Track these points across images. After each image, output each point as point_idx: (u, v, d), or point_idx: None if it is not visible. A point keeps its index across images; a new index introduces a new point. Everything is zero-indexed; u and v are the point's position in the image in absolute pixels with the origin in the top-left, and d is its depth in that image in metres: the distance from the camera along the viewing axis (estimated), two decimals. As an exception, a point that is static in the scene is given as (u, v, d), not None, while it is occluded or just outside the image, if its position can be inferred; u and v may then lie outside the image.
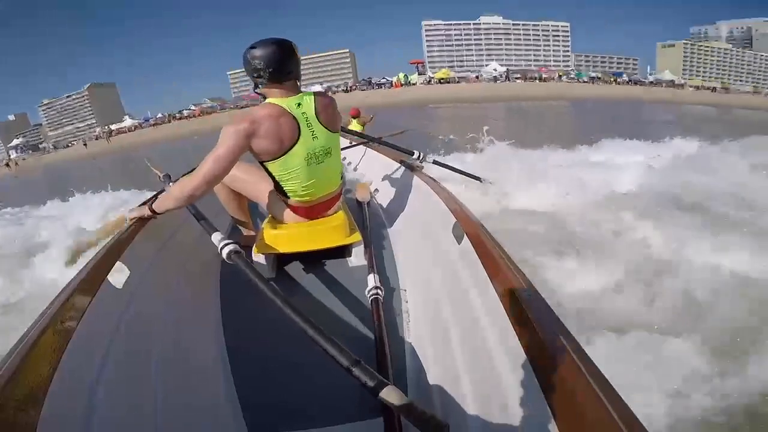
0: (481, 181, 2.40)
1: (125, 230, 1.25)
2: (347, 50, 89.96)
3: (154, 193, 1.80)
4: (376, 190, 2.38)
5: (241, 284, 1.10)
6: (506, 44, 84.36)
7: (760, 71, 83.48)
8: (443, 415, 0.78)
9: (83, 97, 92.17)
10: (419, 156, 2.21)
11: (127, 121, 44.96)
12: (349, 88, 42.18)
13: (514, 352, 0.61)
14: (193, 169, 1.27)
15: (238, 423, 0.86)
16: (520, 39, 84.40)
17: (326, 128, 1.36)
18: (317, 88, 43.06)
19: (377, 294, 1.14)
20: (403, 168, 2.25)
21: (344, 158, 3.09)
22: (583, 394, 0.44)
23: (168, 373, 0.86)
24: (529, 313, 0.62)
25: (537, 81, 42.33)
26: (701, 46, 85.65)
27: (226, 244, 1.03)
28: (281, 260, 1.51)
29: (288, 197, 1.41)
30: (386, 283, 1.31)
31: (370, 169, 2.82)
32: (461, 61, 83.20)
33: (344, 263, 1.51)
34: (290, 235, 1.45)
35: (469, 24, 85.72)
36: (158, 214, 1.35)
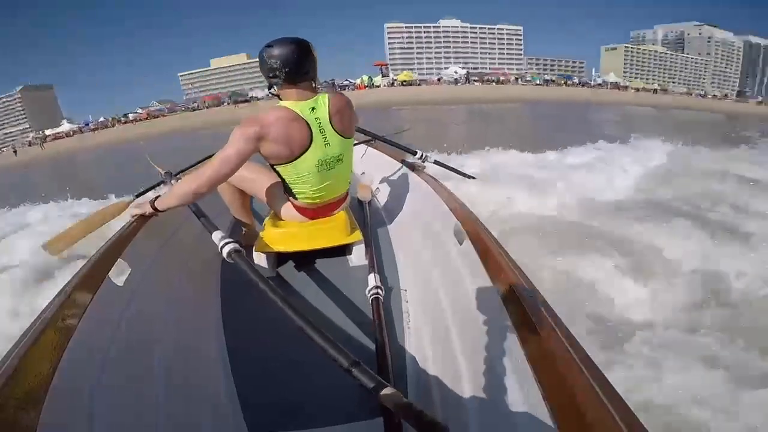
0: (469, 178, 2.59)
1: (126, 228, 1.21)
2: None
3: (145, 188, 1.85)
4: (377, 189, 2.32)
5: (241, 283, 1.12)
6: (464, 47, 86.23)
7: (690, 73, 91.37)
8: (443, 416, 0.78)
9: (15, 100, 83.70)
10: (422, 156, 2.23)
11: (65, 126, 41.12)
12: None
13: (514, 353, 0.60)
14: (194, 165, 1.42)
15: (238, 422, 0.85)
16: (476, 42, 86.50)
17: (339, 134, 1.33)
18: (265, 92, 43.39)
19: (378, 294, 1.13)
20: (404, 167, 2.19)
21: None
22: (583, 394, 0.43)
23: (168, 372, 0.85)
24: (530, 313, 0.61)
25: (494, 84, 43.28)
26: (640, 49, 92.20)
27: (227, 243, 1.05)
28: (282, 259, 1.49)
29: (296, 197, 1.40)
30: (387, 283, 1.29)
31: (372, 168, 2.74)
32: (421, 63, 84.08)
33: (345, 263, 1.50)
34: (291, 234, 1.44)
35: (429, 27, 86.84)
36: (160, 211, 1.31)
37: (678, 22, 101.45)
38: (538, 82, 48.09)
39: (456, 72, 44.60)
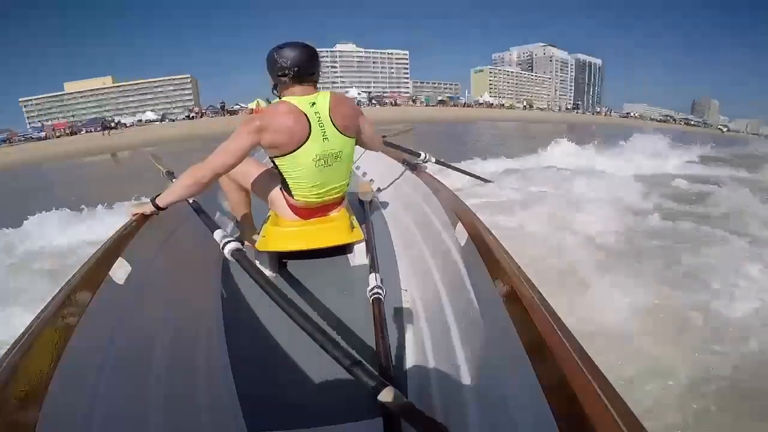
0: (483, 181, 3.11)
1: (127, 226, 1.14)
2: (188, 76, 79.47)
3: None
4: (379, 189, 2.32)
5: (242, 282, 1.17)
6: (359, 71, 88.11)
7: (539, 90, 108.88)
8: (443, 416, 0.77)
9: None
10: (425, 157, 2.24)
11: None
12: (192, 116, 34.83)
13: (515, 353, 0.59)
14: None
15: (238, 422, 0.84)
16: (369, 66, 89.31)
17: (340, 131, 1.30)
18: (150, 115, 35.76)
19: (378, 293, 1.11)
20: (405, 167, 2.16)
21: None
22: (583, 394, 0.42)
23: (168, 371, 0.84)
24: (531, 313, 0.59)
25: (390, 105, 44.06)
26: (500, 70, 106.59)
27: (228, 242, 1.04)
28: (283, 258, 1.47)
29: (293, 196, 1.37)
30: (387, 283, 1.24)
31: (372, 168, 2.74)
32: (320, 87, 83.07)
33: (346, 262, 1.49)
34: (292, 233, 1.41)
35: (325, 51, 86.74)
36: (162, 209, 1.25)
37: (528, 44, 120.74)
38: (432, 103, 50.81)
39: (359, 94, 44.07)
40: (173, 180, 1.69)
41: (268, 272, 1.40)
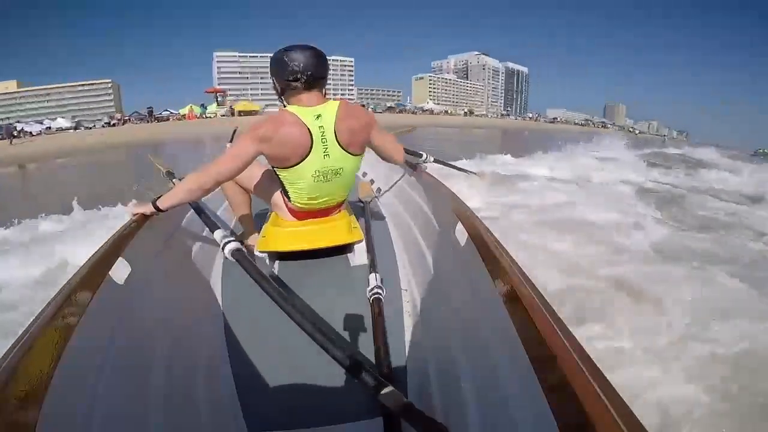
0: (477, 175, 3.37)
1: (127, 226, 1.11)
2: (109, 81, 71.50)
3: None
4: (379, 189, 2.28)
5: (242, 282, 1.12)
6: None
7: (473, 97, 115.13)
8: (443, 416, 0.76)
9: None
10: (425, 157, 2.17)
11: None
12: (113, 123, 30.97)
13: (515, 353, 0.58)
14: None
15: (238, 422, 0.83)
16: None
17: (343, 148, 1.25)
18: (61, 122, 30.82)
19: (378, 294, 1.11)
20: (405, 167, 2.05)
21: None
22: (584, 394, 0.42)
23: (168, 371, 0.84)
24: (531, 313, 0.58)
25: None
26: (439, 78, 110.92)
27: (229, 242, 1.05)
28: (283, 258, 1.46)
29: (291, 201, 1.36)
30: (387, 283, 1.24)
31: (373, 168, 2.69)
32: (256, 92, 79.86)
33: (345, 262, 1.47)
34: (292, 234, 1.40)
35: (267, 56, 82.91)
36: (162, 210, 1.21)
37: (464, 52, 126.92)
38: (380, 110, 50.65)
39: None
40: (173, 180, 1.68)
41: (268, 272, 1.37)
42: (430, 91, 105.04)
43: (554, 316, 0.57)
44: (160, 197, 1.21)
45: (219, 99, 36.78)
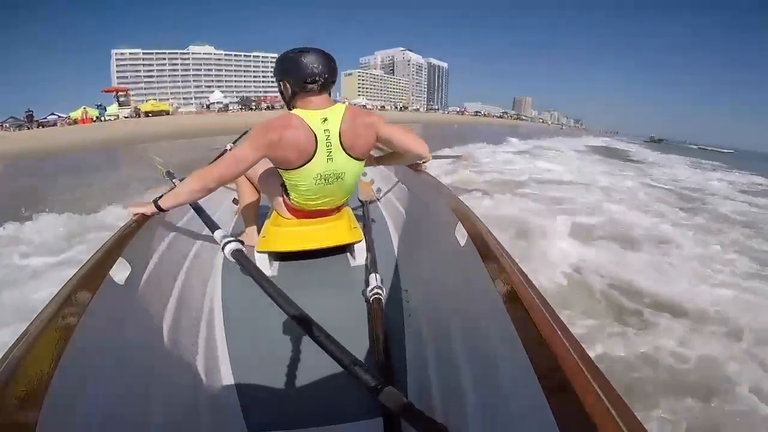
0: (462, 158, 3.80)
1: (127, 226, 1.09)
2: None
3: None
4: (379, 189, 2.24)
5: (242, 282, 1.14)
6: (224, 74, 78.73)
7: (400, 92, 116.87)
8: (443, 416, 0.76)
9: None
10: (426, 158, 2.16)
11: None
12: None
13: (514, 353, 0.57)
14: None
15: (238, 422, 0.82)
16: (231, 69, 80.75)
17: (347, 152, 1.21)
18: None
19: (378, 294, 1.10)
20: (405, 167, 2.05)
21: None
22: (583, 394, 0.41)
23: (168, 371, 0.83)
24: (531, 313, 0.58)
25: (266, 110, 40.18)
26: (367, 73, 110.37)
27: (229, 242, 1.04)
28: (283, 258, 1.43)
29: (291, 199, 1.34)
30: (387, 283, 1.25)
31: (373, 168, 2.59)
32: (164, 90, 71.34)
33: (346, 262, 1.45)
34: (292, 234, 1.37)
35: (176, 53, 74.60)
36: (163, 210, 1.18)
37: (390, 48, 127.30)
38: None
39: (225, 97, 38.63)
40: (174, 181, 1.66)
41: (268, 272, 1.35)
42: (359, 87, 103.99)
43: (554, 316, 0.56)
44: (161, 197, 1.19)
45: (120, 99, 30.75)
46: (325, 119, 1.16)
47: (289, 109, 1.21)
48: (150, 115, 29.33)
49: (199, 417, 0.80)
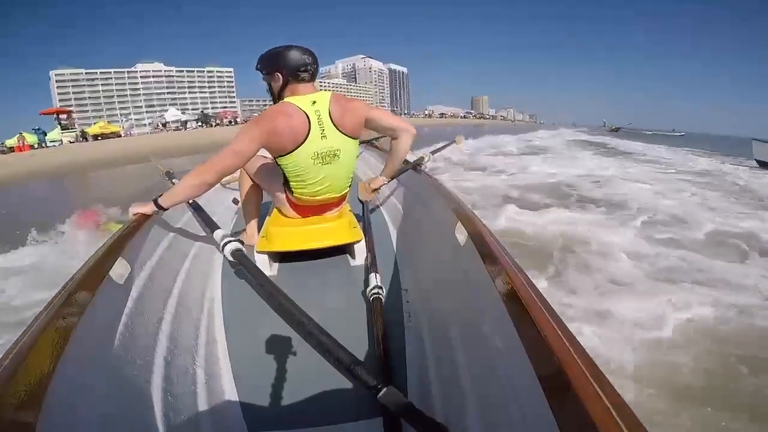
0: (455, 142, 3.69)
1: (127, 226, 1.10)
2: None
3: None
4: (378, 189, 2.03)
5: (242, 282, 1.14)
6: (174, 91, 74.65)
7: (363, 99, 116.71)
8: (443, 416, 0.75)
9: None
10: (428, 158, 2.16)
11: None
12: None
13: (515, 353, 0.57)
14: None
15: (238, 422, 0.81)
16: (185, 85, 76.81)
17: (338, 129, 1.25)
18: None
19: (378, 293, 1.09)
20: (405, 167, 1.96)
21: None
22: (584, 394, 0.41)
23: (168, 371, 0.82)
24: (530, 313, 0.57)
25: (229, 125, 38.06)
26: (329, 83, 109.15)
27: (229, 242, 1.06)
28: (283, 258, 1.43)
29: (293, 193, 1.33)
30: (387, 283, 1.25)
31: (372, 168, 2.65)
32: (113, 111, 66.64)
33: (346, 262, 1.44)
34: (292, 233, 1.37)
35: (123, 72, 69.82)
36: (164, 209, 1.20)
37: (350, 56, 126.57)
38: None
39: (183, 113, 36.05)
40: (173, 181, 1.67)
41: (268, 272, 1.35)
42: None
43: (554, 316, 0.56)
44: (161, 195, 1.19)
45: (62, 121, 27.47)
46: (314, 102, 1.22)
47: (276, 102, 1.27)
48: (100, 138, 26.66)
49: (199, 417, 0.79)
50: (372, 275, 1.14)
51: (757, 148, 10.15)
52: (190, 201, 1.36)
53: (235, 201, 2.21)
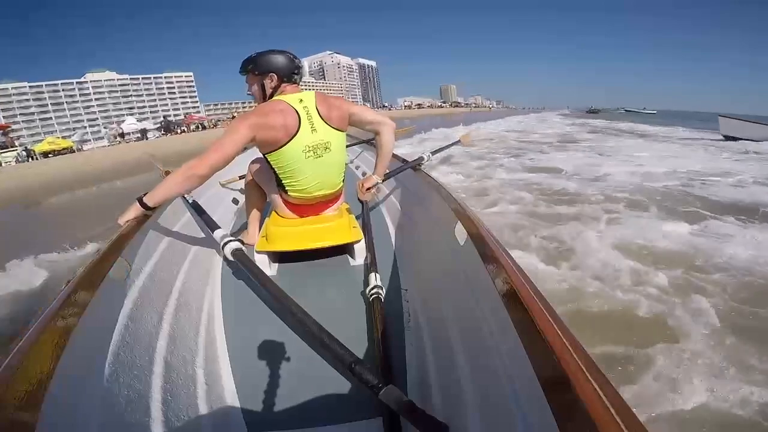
0: (460, 141, 3.36)
1: (127, 226, 1.09)
2: None
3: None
4: (378, 189, 2.11)
5: (242, 282, 1.14)
6: (127, 100, 69.79)
7: (338, 95, 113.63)
8: (443, 415, 0.75)
9: None
10: (428, 158, 2.17)
11: None
12: None
13: (514, 353, 0.57)
14: None
15: (238, 422, 0.82)
16: (142, 93, 72.05)
17: (326, 123, 1.32)
18: None
19: (378, 293, 1.09)
20: (405, 167, 2.02)
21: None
22: (584, 394, 0.41)
23: (168, 371, 0.82)
24: (530, 313, 0.57)
25: (195, 130, 35.55)
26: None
27: (229, 241, 1.06)
28: (283, 258, 1.44)
29: (287, 192, 1.36)
30: (387, 283, 1.25)
31: (372, 168, 2.51)
32: (65, 125, 61.57)
33: (345, 262, 1.45)
34: (292, 233, 1.38)
35: (71, 83, 64.42)
36: (151, 208, 1.15)
37: (317, 53, 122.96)
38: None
39: (141, 121, 33.12)
40: None
41: (268, 272, 1.36)
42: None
43: (554, 316, 0.56)
44: (145, 194, 1.14)
45: (5, 140, 24.30)
46: (301, 99, 1.29)
47: (264, 101, 1.32)
48: (52, 155, 23.85)
49: (198, 417, 0.79)
50: (372, 275, 1.14)
51: (723, 123, 10.82)
52: (190, 201, 1.36)
53: (235, 201, 2.21)
